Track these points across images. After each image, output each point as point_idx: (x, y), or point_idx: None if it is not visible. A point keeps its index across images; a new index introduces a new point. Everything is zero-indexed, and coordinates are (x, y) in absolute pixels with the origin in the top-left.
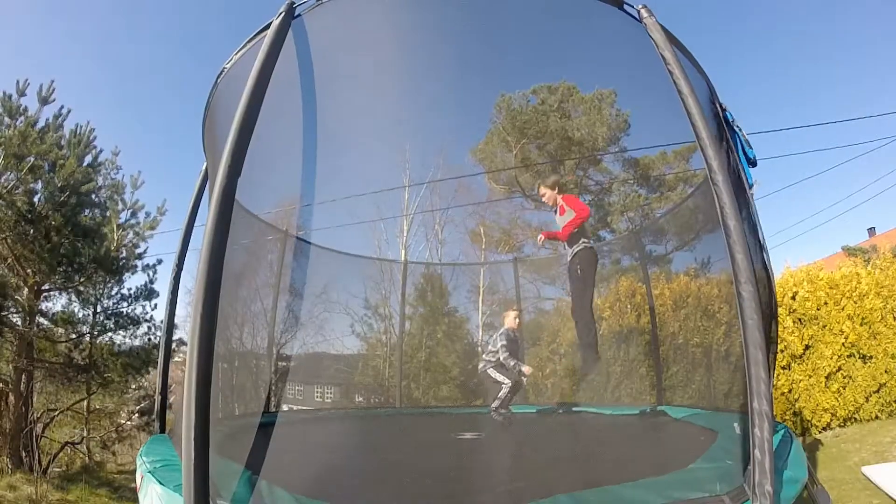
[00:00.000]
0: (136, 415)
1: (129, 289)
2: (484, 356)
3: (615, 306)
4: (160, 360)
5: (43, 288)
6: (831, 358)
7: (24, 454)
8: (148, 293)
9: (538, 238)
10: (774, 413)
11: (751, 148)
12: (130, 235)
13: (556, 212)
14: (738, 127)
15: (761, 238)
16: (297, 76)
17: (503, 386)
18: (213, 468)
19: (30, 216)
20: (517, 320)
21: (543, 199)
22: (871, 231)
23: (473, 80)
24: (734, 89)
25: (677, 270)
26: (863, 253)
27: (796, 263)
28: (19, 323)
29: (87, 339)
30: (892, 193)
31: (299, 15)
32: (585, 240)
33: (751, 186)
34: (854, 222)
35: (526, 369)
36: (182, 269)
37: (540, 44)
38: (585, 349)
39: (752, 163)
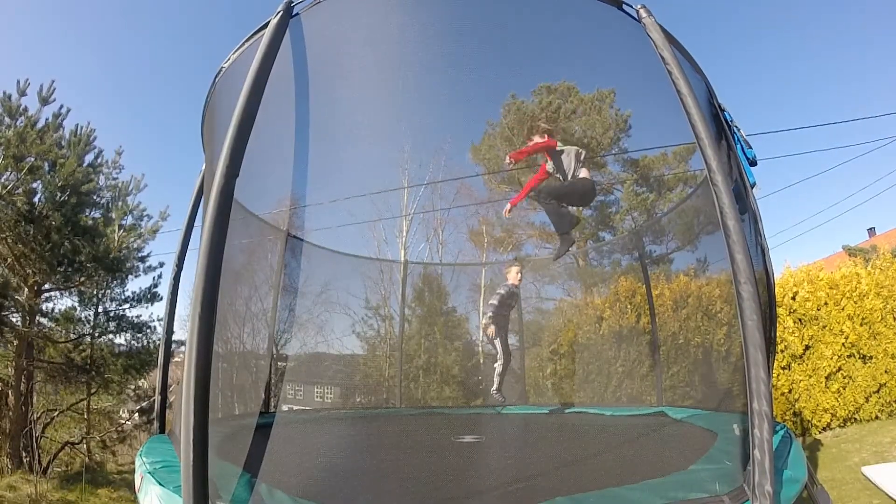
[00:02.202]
0: (136, 415)
1: (133, 292)
2: (489, 311)
3: (615, 306)
4: (160, 360)
5: (43, 288)
6: (831, 358)
7: (24, 454)
8: (151, 296)
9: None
10: (774, 413)
11: (750, 148)
12: (132, 238)
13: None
14: (736, 127)
15: (763, 241)
16: (295, 75)
17: (495, 366)
18: (212, 469)
19: (30, 216)
20: (519, 276)
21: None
22: (871, 231)
23: (473, 80)
24: (734, 90)
25: (677, 270)
26: (863, 253)
27: (796, 263)
28: (19, 323)
29: (88, 339)
30: (892, 193)
31: (297, 14)
32: (586, 171)
33: (752, 186)
34: (854, 222)
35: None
36: (182, 269)
37: (539, 43)
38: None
39: (752, 163)
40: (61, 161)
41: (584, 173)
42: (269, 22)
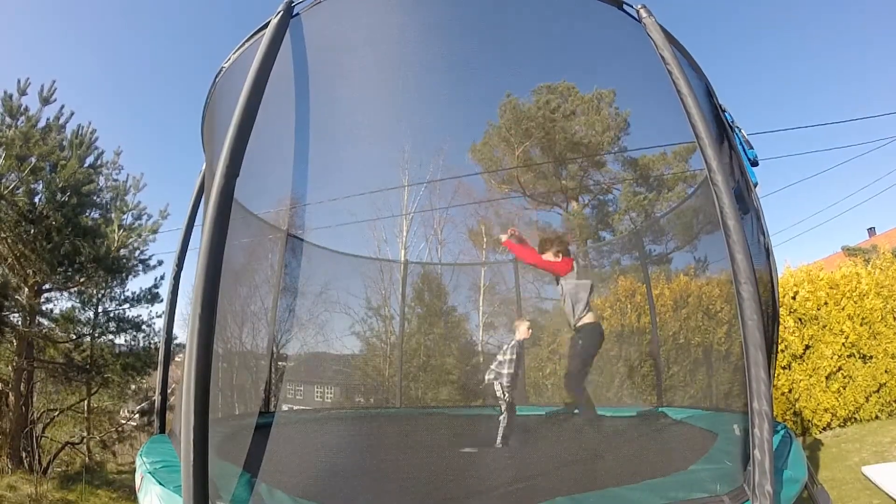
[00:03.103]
0: (137, 415)
1: (133, 292)
2: (492, 366)
3: (615, 306)
4: (160, 360)
5: (44, 288)
6: (831, 358)
7: (24, 454)
8: (151, 297)
9: (506, 234)
10: (774, 413)
11: (751, 148)
12: (132, 238)
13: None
14: (737, 127)
15: (767, 240)
16: (295, 75)
17: (500, 421)
18: (212, 469)
19: (31, 216)
20: (530, 331)
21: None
22: (871, 231)
23: (473, 80)
24: (734, 90)
25: (677, 270)
26: (863, 253)
27: (796, 263)
28: (19, 323)
29: (88, 339)
30: (892, 193)
31: (297, 14)
32: (592, 315)
33: (755, 186)
34: (854, 222)
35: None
36: (182, 269)
37: (539, 43)
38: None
39: (754, 163)
40: (63, 162)
41: (589, 318)
42: (269, 22)
